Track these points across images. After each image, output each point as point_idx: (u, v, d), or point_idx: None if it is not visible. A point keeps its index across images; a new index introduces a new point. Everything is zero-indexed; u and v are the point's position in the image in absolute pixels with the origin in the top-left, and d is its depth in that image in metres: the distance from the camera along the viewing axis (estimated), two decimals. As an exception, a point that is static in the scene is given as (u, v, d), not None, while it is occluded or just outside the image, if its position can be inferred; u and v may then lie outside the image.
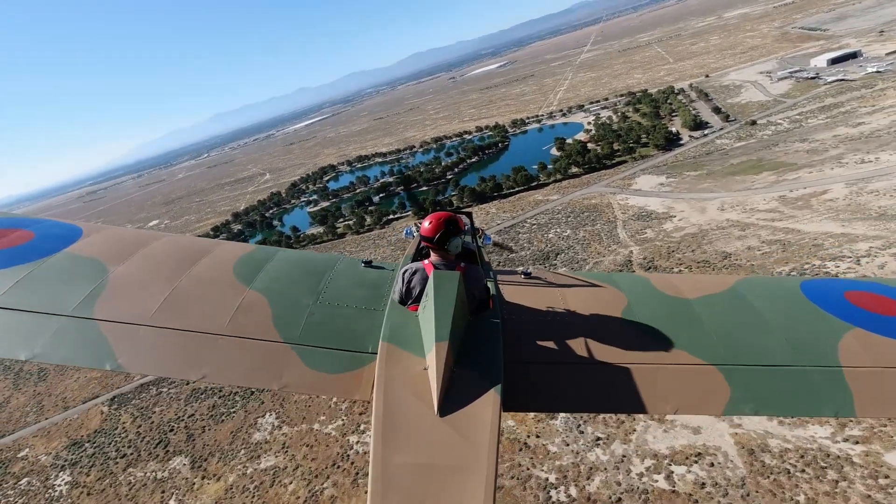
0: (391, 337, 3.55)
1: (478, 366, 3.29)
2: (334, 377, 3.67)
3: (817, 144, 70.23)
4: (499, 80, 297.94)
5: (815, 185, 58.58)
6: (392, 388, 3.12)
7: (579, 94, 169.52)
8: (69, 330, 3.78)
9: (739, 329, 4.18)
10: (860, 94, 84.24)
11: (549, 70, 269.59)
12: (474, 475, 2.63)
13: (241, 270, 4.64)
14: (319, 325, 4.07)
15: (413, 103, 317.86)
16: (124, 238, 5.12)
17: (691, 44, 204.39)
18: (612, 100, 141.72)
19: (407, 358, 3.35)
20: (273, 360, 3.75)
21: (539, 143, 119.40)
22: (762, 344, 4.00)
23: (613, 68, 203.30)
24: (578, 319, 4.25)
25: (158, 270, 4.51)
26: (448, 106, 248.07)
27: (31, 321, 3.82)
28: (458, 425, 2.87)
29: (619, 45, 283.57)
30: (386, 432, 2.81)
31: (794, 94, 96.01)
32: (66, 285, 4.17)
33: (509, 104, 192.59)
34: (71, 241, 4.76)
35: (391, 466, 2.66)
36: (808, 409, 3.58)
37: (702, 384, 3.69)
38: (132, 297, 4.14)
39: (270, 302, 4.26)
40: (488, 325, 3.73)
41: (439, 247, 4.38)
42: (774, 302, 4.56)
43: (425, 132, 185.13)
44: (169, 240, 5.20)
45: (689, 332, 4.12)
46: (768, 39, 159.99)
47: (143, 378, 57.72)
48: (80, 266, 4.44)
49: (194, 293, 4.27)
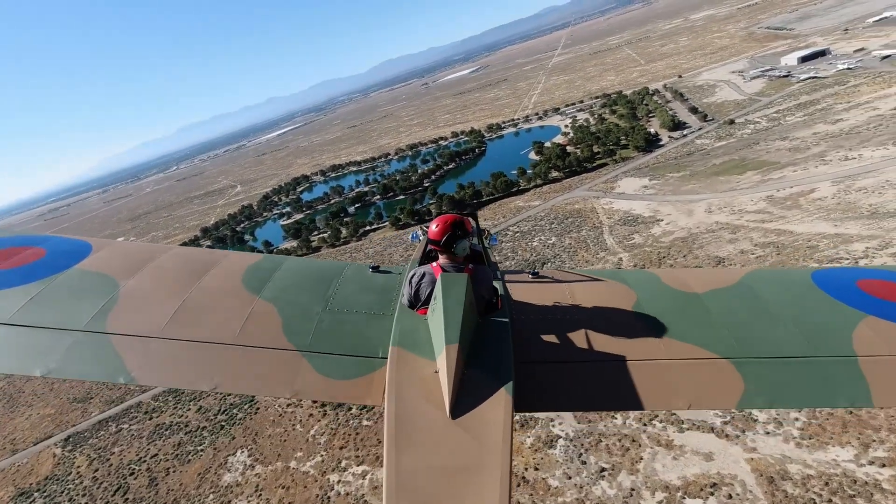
0: (401, 341, 3.54)
1: (488, 367, 3.27)
2: (345, 383, 3.65)
3: (798, 142, 69.59)
4: (472, 85, 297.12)
5: (801, 184, 57.47)
6: (403, 392, 3.11)
7: (554, 97, 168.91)
8: (82, 345, 3.82)
9: (751, 321, 4.10)
10: (834, 91, 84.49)
11: (522, 74, 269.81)
12: (488, 476, 2.63)
13: (249, 280, 4.64)
14: (329, 331, 4.06)
15: (387, 110, 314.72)
16: (133, 252, 5.19)
17: (661, 45, 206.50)
18: (588, 102, 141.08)
19: (417, 361, 3.34)
20: (284, 367, 3.75)
21: (517, 148, 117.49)
22: (774, 336, 3.92)
23: (586, 71, 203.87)
24: (588, 317, 4.18)
25: (168, 283, 4.53)
26: (422, 112, 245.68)
27: (45, 337, 3.86)
28: (471, 427, 2.87)
29: (589, 49, 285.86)
30: (399, 436, 2.82)
31: (768, 92, 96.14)
32: (77, 301, 4.20)
33: (484, 109, 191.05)
34: (81, 258, 4.79)
35: (405, 470, 2.67)
36: (824, 400, 3.51)
37: (715, 378, 3.61)
38: (143, 310, 4.17)
39: (280, 310, 4.25)
40: (497, 325, 3.70)
41: (447, 249, 4.35)
42: (785, 293, 4.47)
43: (400, 139, 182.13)
44: (177, 252, 5.26)
45: (700, 327, 4.05)
46: (736, 40, 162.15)
47: (103, 413, 53.15)
48: (90, 281, 4.47)
49: (204, 304, 4.29)
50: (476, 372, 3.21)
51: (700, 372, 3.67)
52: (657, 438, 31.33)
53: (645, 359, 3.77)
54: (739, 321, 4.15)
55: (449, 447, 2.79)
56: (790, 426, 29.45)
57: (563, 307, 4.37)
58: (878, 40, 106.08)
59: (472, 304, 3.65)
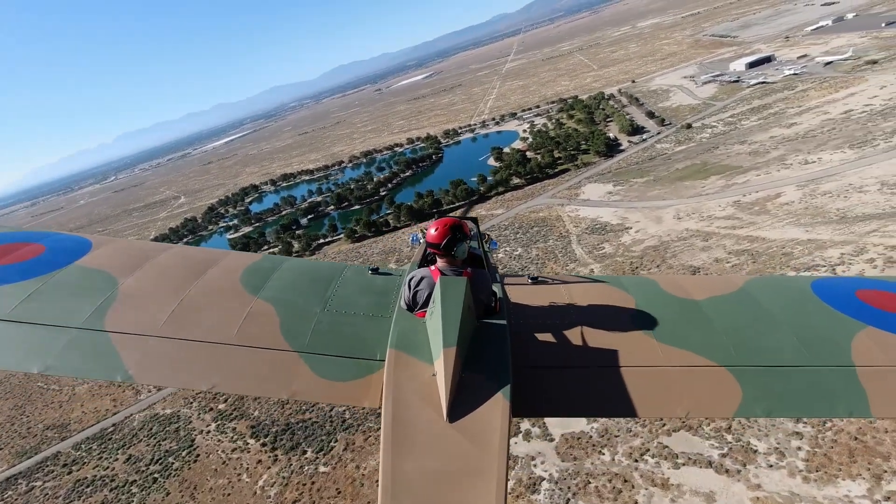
0: (399, 344, 3.50)
1: (486, 370, 3.25)
2: (343, 385, 3.62)
3: (757, 146, 69.66)
4: (426, 90, 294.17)
5: (766, 189, 56.80)
6: (401, 395, 3.09)
7: (509, 101, 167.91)
8: (80, 342, 3.80)
9: (750, 329, 4.08)
10: (784, 96, 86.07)
11: (476, 79, 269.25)
12: (485, 480, 2.63)
13: (248, 280, 4.62)
14: (327, 332, 4.04)
15: (339, 116, 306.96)
16: (133, 250, 5.16)
17: (612, 52, 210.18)
18: (544, 107, 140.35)
19: (415, 364, 3.31)
20: (282, 368, 3.72)
21: (475, 154, 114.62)
22: (773, 344, 3.91)
23: (540, 76, 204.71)
24: (586, 323, 4.15)
25: (167, 281, 4.51)
26: (376, 118, 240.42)
27: (43, 334, 3.84)
28: (468, 430, 2.87)
29: (541, 55, 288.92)
30: (395, 439, 2.81)
31: (721, 96, 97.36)
32: (76, 298, 4.18)
33: (439, 114, 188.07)
34: (81, 254, 4.76)
35: (401, 473, 2.66)
36: (822, 409, 3.50)
37: (713, 386, 3.59)
38: (141, 308, 4.15)
39: (278, 311, 4.23)
40: (495, 328, 3.69)
41: (446, 253, 4.30)
42: (785, 302, 4.46)
43: (354, 146, 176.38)
44: (176, 251, 5.24)
45: (699, 334, 4.02)
46: (684, 46, 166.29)
47: (11, 467, 45.63)
48: (89, 278, 4.45)
49: (203, 303, 4.27)
50: (474, 375, 3.17)
51: (698, 379, 3.62)
52: (651, 477, 28.16)
53: (643, 365, 3.72)
54: (738, 329, 4.08)
55: (446, 450, 2.78)
56: (793, 456, 26.94)
57: (562, 312, 4.31)
58: (817, 47, 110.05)
59: (471, 307, 3.61)
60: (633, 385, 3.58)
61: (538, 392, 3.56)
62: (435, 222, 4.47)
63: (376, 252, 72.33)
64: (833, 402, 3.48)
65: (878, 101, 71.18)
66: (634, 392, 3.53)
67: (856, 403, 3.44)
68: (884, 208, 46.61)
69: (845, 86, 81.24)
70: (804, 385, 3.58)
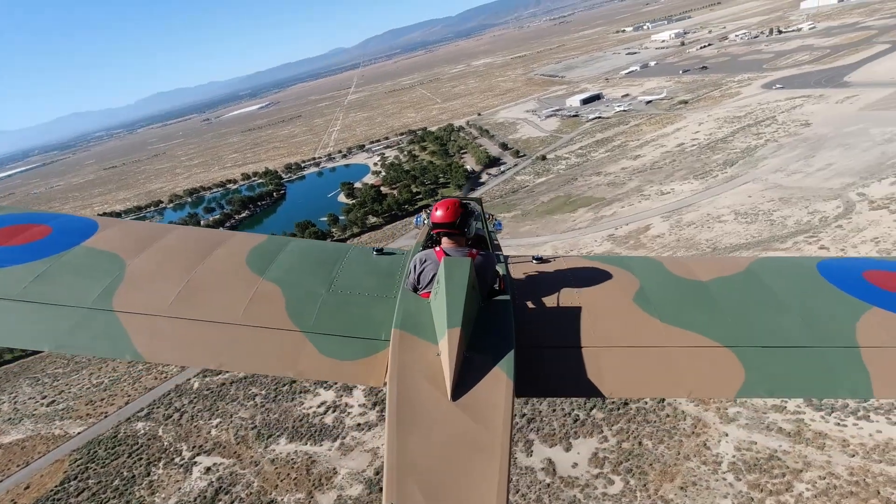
0: (404, 324, 3.49)
1: (490, 350, 3.25)
2: (348, 364, 3.64)
3: (612, 177, 70.32)
4: (262, 121, 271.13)
5: (635, 221, 55.59)
6: (405, 375, 3.10)
7: (356, 133, 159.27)
8: (89, 321, 3.82)
9: (755, 310, 4.05)
10: (621, 130, 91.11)
11: (318, 110, 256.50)
12: (489, 457, 2.67)
13: (254, 261, 4.60)
14: (332, 313, 4.04)
15: (158, 148, 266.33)
16: (139, 231, 5.16)
17: (452, 86, 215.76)
18: (394, 138, 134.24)
19: (420, 344, 3.32)
20: (288, 348, 3.74)
21: (323, 190, 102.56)
22: (778, 325, 3.88)
23: (385, 108, 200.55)
24: (591, 303, 4.11)
25: (174, 262, 4.51)
26: (204, 150, 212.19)
27: (53, 314, 3.86)
28: (472, 409, 2.89)
29: (384, 87, 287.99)
30: (400, 418, 2.82)
31: (565, 129, 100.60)
32: (84, 278, 4.20)
33: (279, 147, 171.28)
34: (88, 235, 4.77)
35: (407, 452, 2.68)
36: (824, 390, 3.56)
37: (716, 366, 3.57)
38: (149, 288, 4.16)
39: (284, 291, 4.22)
40: (499, 308, 3.66)
41: (460, 231, 4.26)
42: (791, 282, 4.43)
43: (177, 183, 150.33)
44: (183, 232, 5.24)
45: (703, 314, 3.99)
46: (519, 83, 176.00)
47: None
48: (97, 259, 4.46)
49: (209, 284, 4.28)
50: (478, 355, 3.19)
51: (701, 360, 3.61)
52: None
53: (646, 345, 3.71)
54: (743, 310, 4.03)
55: (450, 429, 2.80)
56: None
57: (567, 292, 4.25)
58: (634, 88, 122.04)
59: (475, 287, 3.59)
60: (636, 365, 3.57)
61: (542, 372, 3.54)
62: (439, 203, 4.38)
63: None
64: (836, 382, 3.46)
65: (701, 136, 77.62)
66: (638, 372, 3.53)
67: (858, 384, 3.42)
68: (746, 238, 47.17)
69: (670, 122, 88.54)
70: (807, 365, 3.52)
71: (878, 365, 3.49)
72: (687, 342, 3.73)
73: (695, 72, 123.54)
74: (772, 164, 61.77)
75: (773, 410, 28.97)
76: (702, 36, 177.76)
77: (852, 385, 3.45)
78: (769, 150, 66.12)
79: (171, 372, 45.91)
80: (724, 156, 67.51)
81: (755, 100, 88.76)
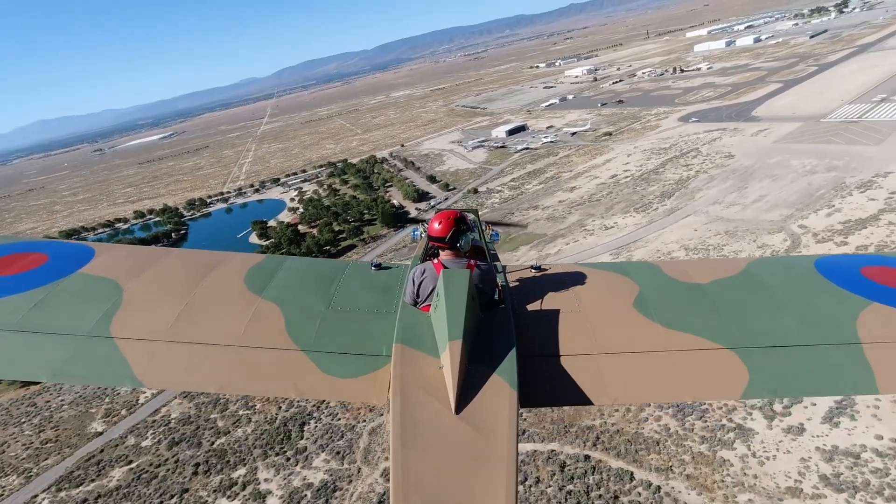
0: (404, 338, 3.50)
1: (492, 362, 3.25)
2: (350, 381, 3.58)
3: (551, 211, 66.71)
4: (164, 152, 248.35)
5: (583, 259, 51.37)
6: (408, 390, 3.09)
7: (269, 165, 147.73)
8: (87, 349, 3.78)
9: (755, 311, 4.04)
10: (551, 161, 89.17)
11: (228, 141, 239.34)
12: (495, 469, 2.65)
13: (252, 281, 4.57)
14: (332, 330, 4.00)
15: (36, 182, 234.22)
16: (136, 256, 5.12)
17: (372, 117, 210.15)
18: (312, 171, 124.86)
19: (421, 358, 3.31)
20: (289, 367, 3.70)
21: (232, 229, 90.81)
22: (779, 324, 3.87)
23: (301, 139, 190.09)
24: (590, 310, 4.10)
25: (171, 286, 4.48)
26: (92, 184, 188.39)
27: (51, 343, 3.82)
28: (476, 422, 2.87)
29: (300, 118, 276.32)
30: (405, 434, 2.80)
31: (494, 161, 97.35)
32: (82, 306, 4.17)
33: (181, 180, 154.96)
34: (84, 262, 4.74)
35: (411, 467, 2.65)
36: (829, 387, 3.49)
37: (719, 369, 3.56)
38: (147, 313, 4.12)
39: (283, 310, 4.19)
40: (500, 319, 3.69)
41: (452, 246, 4.27)
42: (789, 282, 4.42)
43: (53, 222, 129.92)
44: (179, 255, 5.17)
45: (704, 317, 3.98)
46: (441, 114, 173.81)
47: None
48: (94, 286, 4.43)
49: (208, 306, 4.24)
50: (480, 367, 3.17)
51: (704, 363, 3.59)
52: None
53: (648, 350, 3.68)
54: (743, 311, 4.01)
55: (455, 442, 2.77)
56: None
57: (566, 300, 4.22)
58: (557, 120, 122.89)
59: (475, 299, 3.60)
60: (639, 371, 3.53)
61: (545, 381, 3.50)
62: (437, 216, 4.39)
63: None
64: (840, 379, 3.44)
65: (632, 167, 76.86)
66: (641, 378, 3.49)
67: (863, 380, 3.40)
68: (702, 276, 44.16)
69: (599, 153, 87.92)
70: (811, 364, 3.50)
71: (881, 361, 3.44)
72: (689, 346, 3.66)
73: (612, 105, 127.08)
74: (708, 195, 60.98)
75: (789, 495, 24.29)
76: (611, 73, 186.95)
77: (856, 382, 3.40)
78: (702, 181, 65.81)
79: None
80: (660, 188, 66.31)
81: (676, 132, 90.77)
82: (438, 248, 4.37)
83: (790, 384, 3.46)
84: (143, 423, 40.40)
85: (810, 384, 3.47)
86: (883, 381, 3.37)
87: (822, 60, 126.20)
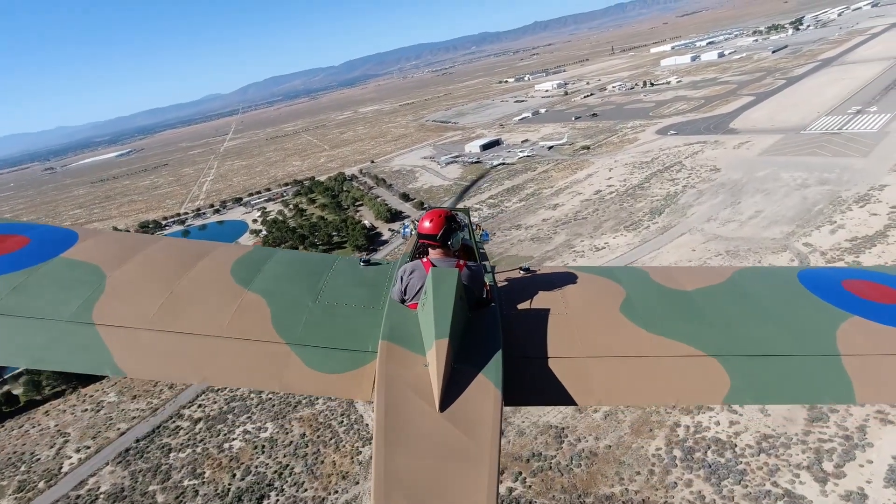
0: (391, 335, 3.48)
1: (478, 361, 3.25)
2: (335, 377, 3.55)
3: (535, 230, 62.33)
4: (120, 170, 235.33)
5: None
6: (393, 387, 3.09)
7: (232, 184, 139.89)
8: (67, 335, 3.70)
9: (738, 319, 4.08)
10: (530, 177, 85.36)
11: (188, 158, 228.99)
12: (477, 468, 2.67)
13: (238, 272, 4.48)
14: (319, 324, 3.96)
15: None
16: (121, 242, 5.02)
17: (340, 133, 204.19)
18: (277, 190, 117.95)
19: (407, 356, 3.31)
20: (273, 361, 3.65)
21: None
22: (761, 333, 3.91)
23: (266, 156, 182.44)
24: (577, 313, 4.12)
25: (156, 273, 4.39)
26: (38, 206, 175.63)
27: (30, 327, 3.73)
28: (460, 420, 2.89)
29: (265, 134, 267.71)
30: (388, 431, 2.81)
31: (469, 177, 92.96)
32: (63, 290, 4.07)
33: (136, 200, 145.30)
34: (67, 246, 4.62)
35: (394, 465, 2.67)
36: (808, 396, 3.55)
37: (702, 375, 3.59)
38: (130, 300, 4.04)
39: (269, 303, 4.13)
40: (487, 319, 3.69)
41: (442, 244, 4.26)
42: (773, 292, 4.48)
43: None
44: (166, 243, 5.07)
45: (688, 324, 4.00)
46: (411, 129, 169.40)
47: None
48: (77, 271, 4.33)
49: (193, 296, 4.17)
50: (465, 366, 3.18)
51: (687, 368, 3.62)
52: None
53: (633, 355, 3.71)
54: (727, 319, 4.06)
55: (438, 441, 2.79)
56: None
57: (554, 302, 4.23)
58: (531, 134, 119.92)
59: (463, 298, 3.61)
60: (623, 374, 3.57)
61: (529, 382, 3.53)
62: (427, 214, 4.37)
63: None
64: (819, 389, 3.49)
65: (616, 182, 73.57)
66: (624, 381, 3.53)
67: (841, 390, 3.45)
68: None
69: (579, 168, 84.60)
70: (791, 373, 3.56)
71: (860, 372, 3.49)
72: (672, 351, 3.70)
73: (587, 118, 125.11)
74: (700, 212, 57.72)
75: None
76: (582, 87, 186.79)
77: (835, 392, 3.45)
78: (691, 196, 62.71)
79: None
80: (648, 203, 62.90)
81: (655, 145, 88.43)
82: (428, 246, 4.34)
83: (770, 392, 3.45)
84: (64, 499, 33.39)
85: (791, 393, 3.46)
86: (860, 392, 3.38)
87: (789, 74, 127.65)
